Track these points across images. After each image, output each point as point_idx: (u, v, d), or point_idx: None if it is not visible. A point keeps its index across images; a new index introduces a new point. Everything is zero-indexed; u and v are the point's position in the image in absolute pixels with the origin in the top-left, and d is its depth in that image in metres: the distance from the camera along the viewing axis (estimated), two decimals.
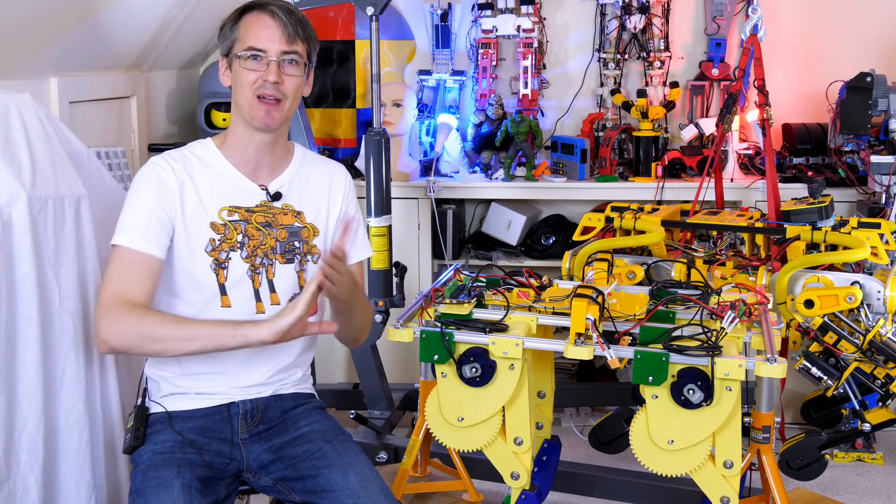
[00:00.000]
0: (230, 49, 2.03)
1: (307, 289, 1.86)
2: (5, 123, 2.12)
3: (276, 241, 2.07)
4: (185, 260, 2.00)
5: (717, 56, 3.97)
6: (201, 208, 2.01)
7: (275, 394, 2.11)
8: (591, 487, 2.93)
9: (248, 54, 1.99)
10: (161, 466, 1.94)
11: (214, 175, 2.05)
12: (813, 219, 2.94)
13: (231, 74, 2.04)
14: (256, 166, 2.08)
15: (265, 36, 1.99)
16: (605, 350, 2.01)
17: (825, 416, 3.18)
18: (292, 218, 2.09)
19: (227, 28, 2.04)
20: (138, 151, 3.50)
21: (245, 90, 2.00)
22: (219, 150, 2.08)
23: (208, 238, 2.01)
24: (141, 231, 1.95)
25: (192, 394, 2.06)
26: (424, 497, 2.78)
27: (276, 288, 2.06)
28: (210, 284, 2.01)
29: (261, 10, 2.02)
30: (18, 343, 2.07)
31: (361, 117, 3.91)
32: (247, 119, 2.03)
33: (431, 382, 2.33)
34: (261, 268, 2.05)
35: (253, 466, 2.05)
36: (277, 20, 2.00)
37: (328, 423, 2.11)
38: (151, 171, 2.01)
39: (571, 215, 4.08)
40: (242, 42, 2.01)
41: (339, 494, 1.93)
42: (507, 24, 3.91)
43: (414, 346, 2.15)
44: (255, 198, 2.07)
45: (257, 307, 2.05)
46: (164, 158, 2.04)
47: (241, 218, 2.04)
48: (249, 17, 2.02)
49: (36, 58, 2.72)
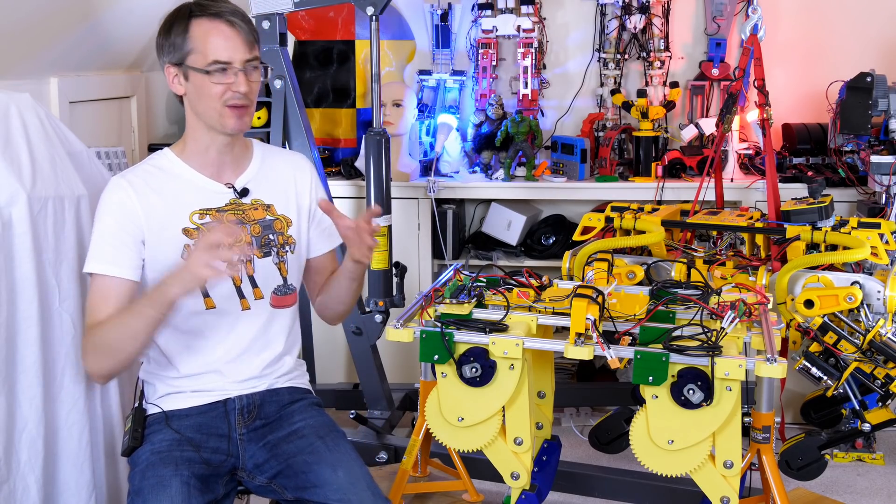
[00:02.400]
0: (183, 59, 2.00)
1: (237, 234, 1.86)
2: (5, 123, 2.12)
3: (251, 237, 2.08)
4: (163, 271, 1.99)
5: (717, 56, 3.97)
6: (171, 217, 2.03)
7: (270, 388, 2.12)
8: (591, 487, 2.93)
9: (215, 68, 1.97)
10: (159, 465, 1.94)
11: (179, 182, 2.07)
12: (813, 219, 2.94)
13: (188, 84, 2.01)
14: (219, 167, 2.10)
15: (228, 47, 1.97)
16: (605, 350, 2.01)
17: (825, 416, 3.18)
18: (263, 212, 2.12)
19: (176, 37, 2.00)
20: (138, 151, 3.51)
21: (213, 102, 1.99)
22: (179, 158, 2.09)
23: (182, 244, 2.02)
24: (107, 256, 1.98)
25: (188, 392, 2.07)
26: (424, 497, 2.78)
27: (257, 283, 2.09)
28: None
29: (214, 19, 1.98)
30: (18, 343, 2.07)
31: (361, 117, 3.91)
32: (217, 127, 2.03)
33: (431, 382, 2.33)
34: (239, 265, 2.06)
35: (248, 465, 2.05)
36: (236, 28, 1.98)
37: (322, 420, 2.12)
38: (109, 196, 2.02)
39: (571, 215, 4.08)
40: (203, 55, 1.97)
41: (326, 490, 1.94)
42: (507, 24, 3.91)
43: (414, 346, 2.15)
44: (222, 197, 2.09)
45: (242, 304, 2.08)
46: (122, 177, 2.05)
47: (213, 219, 2.06)
48: (202, 26, 1.98)
49: (36, 58, 2.72)
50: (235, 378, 2.08)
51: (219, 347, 2.07)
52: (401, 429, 3.47)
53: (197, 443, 2.02)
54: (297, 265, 2.17)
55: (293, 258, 2.14)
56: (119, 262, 1.98)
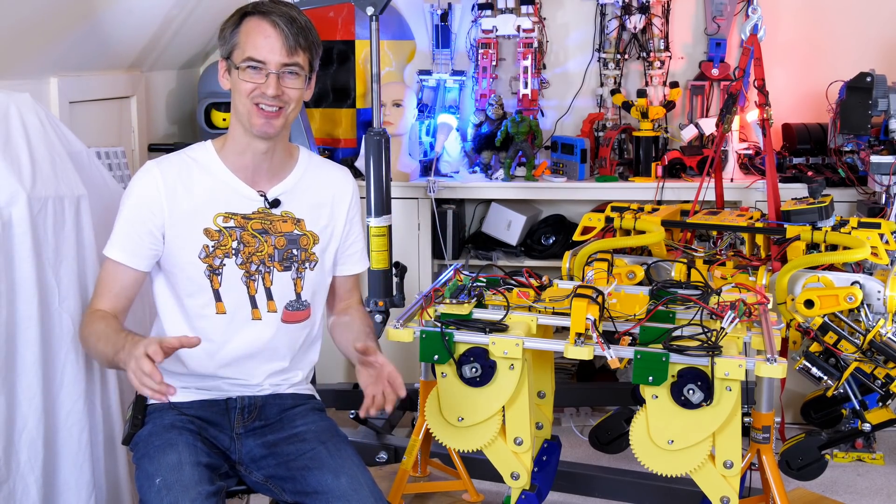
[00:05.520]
0: (230, 53, 1.99)
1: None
2: (5, 123, 2.12)
3: (273, 249, 2.05)
4: (180, 265, 2.01)
5: (717, 56, 3.96)
6: (195, 215, 2.01)
7: (273, 393, 2.12)
8: (591, 487, 2.93)
9: (247, 65, 1.95)
10: (163, 432, 1.98)
11: (212, 180, 2.04)
12: (813, 219, 2.94)
13: (230, 79, 2.01)
14: (255, 172, 2.05)
15: (265, 46, 1.94)
16: (605, 350, 2.01)
17: (825, 416, 3.18)
18: (292, 225, 2.08)
19: (228, 31, 1.99)
20: (138, 151, 3.50)
21: (243, 98, 1.97)
22: (217, 155, 2.05)
23: (202, 245, 2.01)
24: (123, 244, 2.01)
25: (192, 388, 2.08)
26: (424, 497, 2.78)
27: (273, 295, 2.06)
28: (205, 290, 2.03)
29: (262, 17, 1.96)
30: (18, 343, 2.07)
31: (361, 117, 3.91)
32: (245, 125, 2.00)
33: (431, 382, 2.33)
34: (256, 275, 2.04)
35: (245, 460, 2.05)
36: (279, 30, 1.94)
37: (325, 424, 2.11)
38: (138, 182, 2.02)
39: (571, 215, 4.08)
40: (242, 50, 1.96)
41: (328, 496, 1.92)
42: (507, 24, 3.91)
43: (414, 346, 2.15)
44: (252, 204, 2.05)
45: (253, 313, 2.06)
46: (157, 164, 2.03)
47: (236, 224, 2.03)
48: (250, 23, 1.97)
49: (36, 58, 2.72)
50: (237, 382, 2.08)
51: (224, 352, 2.06)
52: (401, 429, 3.47)
53: (199, 427, 2.03)
54: (315, 283, 2.12)
55: (311, 275, 2.10)
56: (131, 252, 1.99)
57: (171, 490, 1.83)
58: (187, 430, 2.00)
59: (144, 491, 1.88)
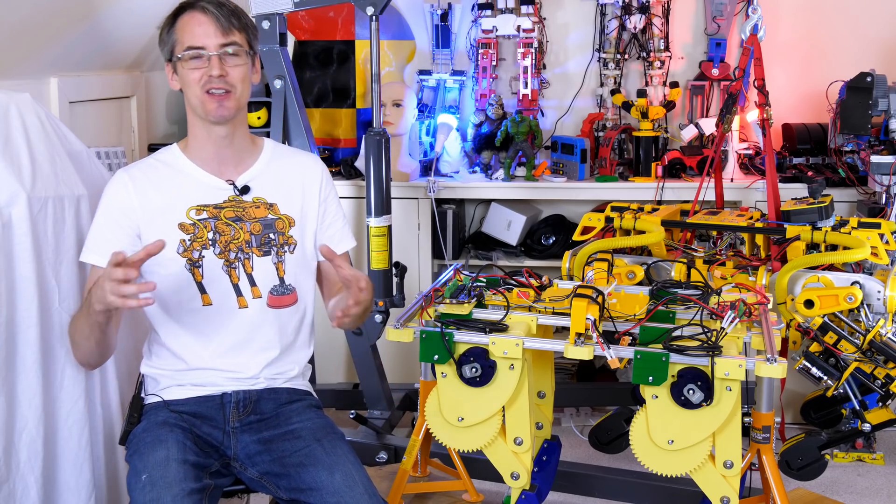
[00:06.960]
0: (171, 53, 2.07)
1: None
2: (5, 123, 2.12)
3: (250, 235, 2.09)
4: (162, 263, 2.02)
5: (717, 56, 3.97)
6: (167, 211, 2.06)
7: (269, 387, 2.13)
8: (591, 487, 2.93)
9: (189, 54, 2.03)
10: (155, 429, 2.01)
11: (180, 177, 2.10)
12: (813, 219, 2.94)
13: (178, 77, 2.08)
14: (220, 162, 2.12)
15: (201, 32, 2.03)
16: (605, 350, 2.01)
17: (825, 416, 3.18)
18: (265, 210, 2.12)
19: (165, 33, 2.09)
20: (138, 151, 3.51)
21: (193, 88, 2.05)
22: (183, 153, 2.13)
23: (178, 239, 2.05)
24: (98, 247, 2.05)
25: (187, 385, 2.09)
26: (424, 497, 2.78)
27: (255, 281, 2.09)
28: (189, 284, 2.05)
29: (192, 10, 2.06)
30: (18, 343, 2.08)
31: (361, 117, 3.91)
32: (201, 115, 2.07)
33: (431, 382, 2.33)
34: (236, 262, 2.08)
35: (240, 456, 2.06)
36: (209, 15, 2.03)
37: (321, 422, 2.11)
38: (109, 189, 2.09)
39: (571, 215, 4.08)
40: (181, 44, 2.05)
41: (322, 493, 1.93)
42: (507, 24, 3.91)
43: (414, 346, 2.15)
44: (222, 194, 2.10)
45: (239, 301, 2.08)
46: (126, 171, 2.11)
47: (209, 216, 2.08)
48: (183, 18, 2.06)
49: (36, 58, 2.72)
50: (232, 375, 2.09)
51: (215, 343, 2.08)
52: (401, 429, 3.47)
53: (191, 424, 2.05)
54: (297, 266, 2.15)
55: (291, 259, 2.14)
56: (107, 253, 1.97)
57: (155, 486, 1.86)
58: (178, 428, 2.02)
59: (131, 487, 1.91)
